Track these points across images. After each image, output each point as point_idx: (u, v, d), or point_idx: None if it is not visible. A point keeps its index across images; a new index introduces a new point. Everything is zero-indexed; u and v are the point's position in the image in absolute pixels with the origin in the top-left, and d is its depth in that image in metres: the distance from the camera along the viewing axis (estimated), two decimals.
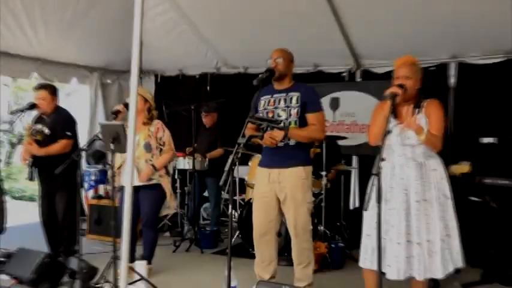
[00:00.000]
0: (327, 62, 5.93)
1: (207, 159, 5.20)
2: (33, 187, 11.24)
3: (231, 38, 5.92)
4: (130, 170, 2.74)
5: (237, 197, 5.64)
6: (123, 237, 2.75)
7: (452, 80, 5.22)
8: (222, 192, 5.60)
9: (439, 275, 2.60)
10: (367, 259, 2.73)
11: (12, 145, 17.04)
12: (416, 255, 2.58)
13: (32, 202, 8.64)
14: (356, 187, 5.74)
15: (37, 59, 5.81)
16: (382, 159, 2.35)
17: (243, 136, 2.86)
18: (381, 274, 2.31)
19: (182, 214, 5.67)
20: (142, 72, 7.14)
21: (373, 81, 5.74)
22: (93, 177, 5.47)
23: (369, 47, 5.51)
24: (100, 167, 5.57)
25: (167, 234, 5.51)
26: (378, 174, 2.25)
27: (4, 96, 15.56)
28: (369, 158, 5.55)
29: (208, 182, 5.46)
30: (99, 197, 5.36)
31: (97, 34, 5.87)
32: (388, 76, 5.56)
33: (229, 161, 2.67)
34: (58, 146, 3.98)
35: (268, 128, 2.88)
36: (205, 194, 5.70)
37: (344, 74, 5.94)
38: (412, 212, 2.61)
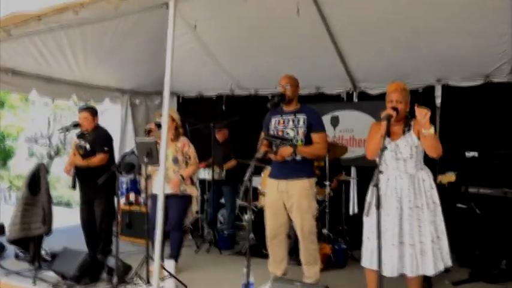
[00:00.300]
0: (327, 84, 6.00)
1: (224, 170, 5.27)
2: (69, 194, 11.38)
3: (243, 63, 6.03)
4: (163, 181, 2.83)
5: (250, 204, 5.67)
6: (157, 238, 2.83)
7: (438, 101, 5.27)
8: (237, 199, 5.65)
9: (430, 272, 2.65)
10: (367, 259, 2.78)
11: (51, 157, 17.27)
12: (409, 255, 2.63)
13: (68, 208, 8.74)
14: (355, 195, 5.77)
15: (76, 82, 5.97)
16: (380, 172, 2.41)
17: (258, 151, 2.93)
18: (380, 271, 2.35)
19: (202, 219, 5.72)
20: None
21: (368, 102, 5.81)
22: (124, 186, 5.55)
23: (364, 72, 5.59)
24: (130, 176, 5.65)
25: (189, 237, 5.56)
26: (377, 185, 2.31)
27: (44, 114, 15.84)
28: (366, 169, 5.61)
29: (225, 190, 5.53)
30: (130, 203, 5.44)
31: (128, 61, 6.01)
32: (381, 97, 5.64)
33: (248, 173, 2.74)
34: (97, 159, 4.08)
35: (281, 145, 2.97)
36: (221, 200, 5.78)
37: (343, 95, 6.01)
38: (405, 217, 2.67)
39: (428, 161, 2.88)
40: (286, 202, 3.25)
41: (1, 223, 5.30)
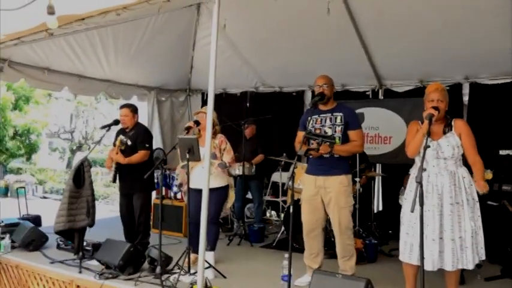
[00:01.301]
0: (352, 82, 6.07)
1: (254, 165, 5.39)
2: (99, 189, 11.65)
3: (269, 61, 6.13)
4: (208, 175, 2.95)
5: (279, 199, 5.81)
6: (201, 231, 2.96)
7: (465, 98, 5.32)
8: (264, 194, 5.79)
9: (470, 266, 2.74)
10: (406, 254, 2.86)
11: (73, 152, 17.67)
12: (449, 249, 2.71)
13: (97, 201, 8.96)
14: (380, 192, 5.84)
15: (106, 80, 6.14)
16: (424, 169, 2.48)
17: (300, 149, 3.04)
18: (423, 267, 2.42)
19: (231, 213, 5.86)
20: (191, 91, 7.43)
21: (394, 99, 5.87)
22: (155, 180, 5.69)
23: (391, 69, 5.64)
24: (160, 171, 5.79)
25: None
26: (421, 182, 2.37)
27: (67, 110, 16.23)
28: (391, 166, 5.68)
29: (252, 184, 5.66)
30: (162, 197, 5.57)
31: (155, 61, 6.18)
32: (406, 95, 5.75)
33: (291, 169, 2.85)
34: (139, 156, 4.20)
35: (323, 143, 3.08)
36: (247, 195, 5.90)
37: (368, 93, 6.08)
38: (446, 213, 2.74)
39: (463, 159, 2.94)
40: (324, 197, 3.37)
41: (38, 214, 5.51)
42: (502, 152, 3.80)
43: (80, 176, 3.83)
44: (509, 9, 4.00)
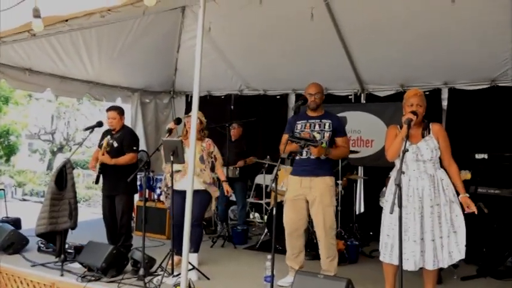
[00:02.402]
0: (335, 86, 6.15)
1: (238, 168, 5.43)
2: (81, 191, 11.47)
3: (254, 64, 6.20)
4: (192, 177, 2.98)
5: (263, 201, 5.86)
6: (185, 233, 2.98)
7: (444, 103, 5.47)
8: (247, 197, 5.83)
9: (445, 264, 2.85)
10: (386, 255, 2.94)
11: (54, 153, 17.35)
12: (431, 249, 2.80)
13: (79, 204, 8.86)
14: (361, 194, 5.94)
15: (90, 82, 6.10)
16: (403, 173, 2.57)
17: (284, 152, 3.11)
18: (401, 265, 2.51)
19: (215, 215, 5.88)
20: (175, 93, 7.43)
21: (376, 103, 5.99)
22: (138, 183, 5.67)
23: (373, 74, 5.78)
24: (144, 174, 5.77)
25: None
26: (399, 185, 2.46)
27: (48, 111, 15.93)
28: (373, 168, 5.80)
29: (236, 186, 5.69)
30: (146, 200, 5.55)
31: (138, 62, 6.17)
32: (388, 99, 5.88)
33: (274, 172, 2.91)
34: (127, 158, 4.21)
35: (305, 146, 3.15)
36: (231, 198, 5.92)
37: (351, 97, 6.18)
38: (426, 215, 2.84)
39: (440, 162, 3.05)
40: (309, 197, 3.46)
41: (17, 217, 5.43)
42: (478, 156, 3.95)
43: (62, 178, 3.80)
44: (486, 19, 4.16)
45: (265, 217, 5.92)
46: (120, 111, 4.35)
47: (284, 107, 6.58)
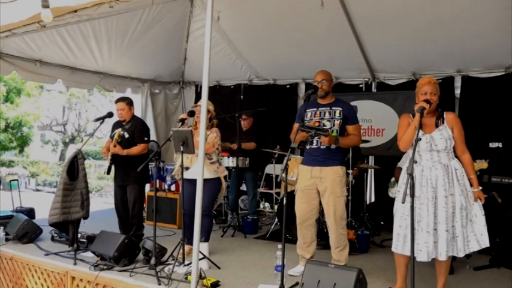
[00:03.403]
0: (346, 75, 6.09)
1: (248, 158, 5.43)
2: (92, 181, 11.62)
3: (263, 54, 6.15)
4: (202, 166, 2.97)
5: (273, 191, 5.86)
6: (196, 222, 2.99)
7: (457, 91, 5.38)
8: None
9: (461, 254, 2.82)
10: (399, 245, 2.91)
11: (66, 144, 17.56)
12: (444, 240, 2.76)
13: (91, 194, 8.99)
14: (372, 184, 5.90)
15: (100, 72, 6.12)
16: (415, 162, 2.53)
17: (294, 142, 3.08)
18: (412, 255, 2.48)
19: (225, 205, 5.91)
20: (184, 83, 7.42)
21: (387, 92, 5.91)
22: (150, 173, 5.70)
23: (384, 62, 5.68)
24: (154, 164, 5.80)
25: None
26: (411, 174, 2.42)
27: (59, 102, 16.11)
28: (383, 158, 5.75)
29: (247, 176, 5.70)
30: (156, 190, 5.57)
31: (148, 53, 6.16)
32: (399, 88, 5.79)
33: (285, 161, 2.88)
34: (138, 148, 4.24)
35: (315, 135, 3.12)
36: (241, 187, 5.94)
37: (361, 86, 6.11)
38: (440, 205, 2.79)
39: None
40: (319, 187, 3.43)
41: (31, 207, 5.51)
42: (492, 145, 3.87)
43: (74, 169, 3.83)
44: (503, 3, 4.04)
45: (275, 207, 5.93)
46: (129, 101, 4.35)
47: (294, 96, 6.53)
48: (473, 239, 2.82)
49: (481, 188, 2.88)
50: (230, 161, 5.33)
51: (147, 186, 5.44)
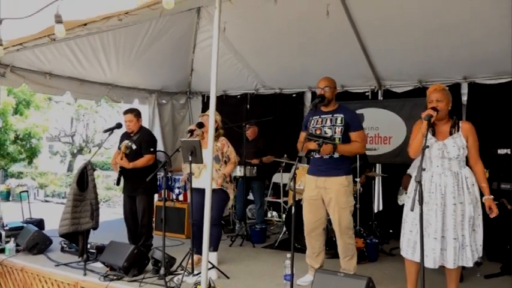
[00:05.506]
0: (352, 83, 6.11)
1: (255, 167, 5.44)
2: (101, 192, 11.68)
3: (269, 63, 6.19)
4: (211, 176, 3.00)
5: (281, 200, 5.87)
6: (204, 232, 3.00)
7: (464, 98, 5.37)
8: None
9: (470, 263, 2.79)
10: (409, 251, 2.90)
11: (74, 155, 17.71)
12: (452, 248, 2.75)
13: (100, 204, 9.04)
14: (380, 192, 5.87)
15: (108, 84, 6.20)
16: (423, 169, 2.53)
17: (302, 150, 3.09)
18: (423, 264, 2.47)
19: (233, 214, 5.91)
20: (191, 93, 7.49)
21: (393, 100, 5.91)
22: (157, 183, 5.74)
23: (390, 70, 5.70)
24: (162, 174, 5.83)
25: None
26: (420, 181, 2.42)
27: (68, 113, 16.29)
28: (391, 166, 5.73)
29: (254, 185, 5.71)
30: (165, 200, 5.60)
31: (155, 64, 6.24)
32: (406, 95, 5.79)
33: (292, 170, 2.90)
34: (144, 160, 4.26)
35: (323, 143, 3.13)
36: (249, 197, 5.95)
37: (367, 93, 6.11)
38: (448, 213, 2.78)
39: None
40: (324, 197, 3.42)
41: (41, 218, 5.55)
42: (501, 151, 3.85)
43: (84, 180, 3.87)
44: (509, 10, 4.05)
45: (283, 216, 5.92)
46: (137, 113, 4.40)
47: (300, 105, 6.57)
48: (475, 249, 2.80)
49: (492, 196, 2.86)
50: (238, 171, 5.35)
51: (156, 196, 5.47)
